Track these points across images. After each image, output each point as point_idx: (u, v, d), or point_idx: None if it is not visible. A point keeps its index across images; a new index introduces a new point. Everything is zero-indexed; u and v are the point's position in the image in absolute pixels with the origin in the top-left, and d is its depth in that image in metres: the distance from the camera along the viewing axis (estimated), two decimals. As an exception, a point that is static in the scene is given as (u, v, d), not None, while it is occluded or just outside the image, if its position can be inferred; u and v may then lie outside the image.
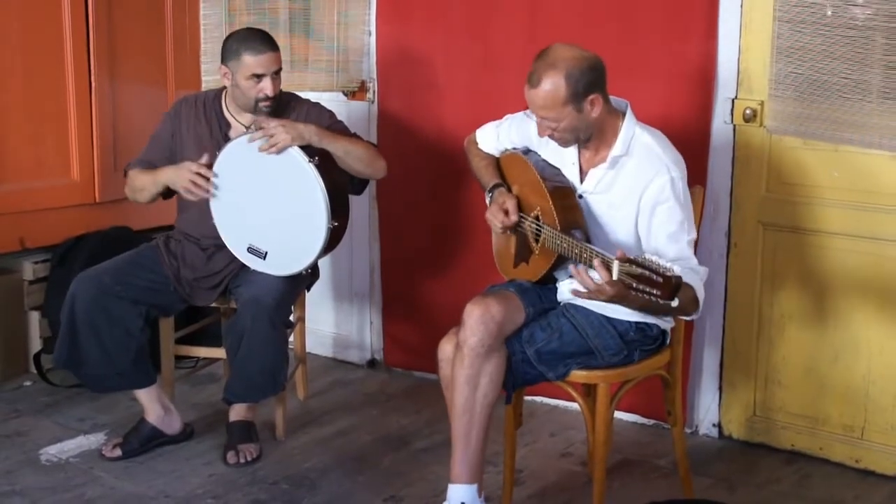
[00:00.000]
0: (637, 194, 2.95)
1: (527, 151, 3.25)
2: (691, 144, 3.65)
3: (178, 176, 3.55)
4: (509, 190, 3.22)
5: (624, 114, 3.03)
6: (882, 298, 3.46)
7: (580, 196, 3.06)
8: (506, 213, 3.13)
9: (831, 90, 3.33)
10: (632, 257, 2.58)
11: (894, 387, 3.48)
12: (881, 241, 3.42)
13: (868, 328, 3.50)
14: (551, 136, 3.01)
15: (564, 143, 3.03)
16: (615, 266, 2.60)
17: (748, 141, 3.61)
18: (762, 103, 3.54)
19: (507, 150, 3.32)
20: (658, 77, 3.72)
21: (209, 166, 3.54)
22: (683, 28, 3.66)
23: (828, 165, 3.48)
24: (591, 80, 2.91)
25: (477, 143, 3.40)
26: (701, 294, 2.85)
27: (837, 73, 3.31)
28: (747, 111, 3.58)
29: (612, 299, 2.71)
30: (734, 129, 3.63)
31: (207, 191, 3.53)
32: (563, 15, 3.85)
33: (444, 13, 4.17)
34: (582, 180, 3.07)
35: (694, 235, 2.97)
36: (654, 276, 2.52)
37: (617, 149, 2.99)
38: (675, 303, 2.54)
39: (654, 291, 2.52)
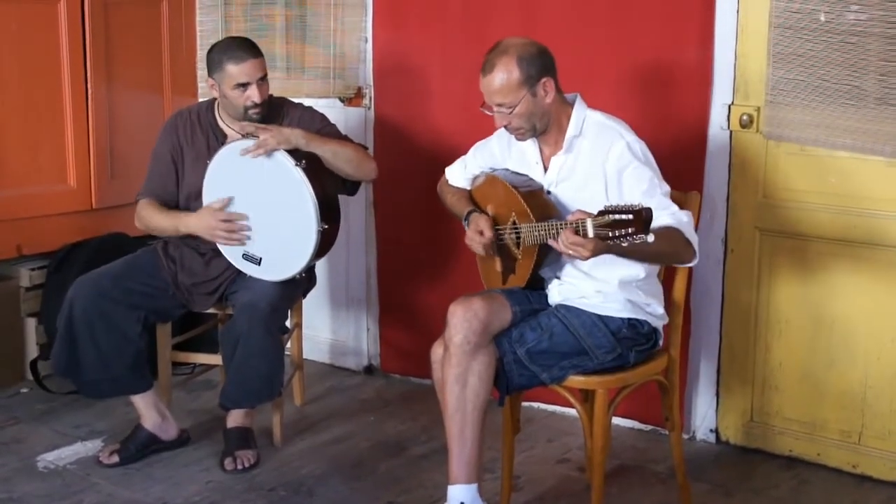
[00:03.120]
0: (599, 168, 3.01)
1: (493, 170, 3.31)
2: (688, 150, 3.67)
3: (206, 228, 3.56)
4: (484, 213, 3.26)
5: (574, 104, 3.11)
6: (879, 304, 3.46)
7: (548, 192, 3.12)
8: (480, 233, 3.17)
9: (828, 96, 3.33)
10: (600, 209, 2.64)
11: (891, 392, 3.49)
12: (877, 246, 3.43)
13: (865, 333, 3.50)
14: (508, 127, 3.07)
15: (521, 134, 3.09)
16: (588, 224, 2.65)
17: (745, 147, 3.62)
18: (758, 109, 3.55)
19: (476, 175, 3.38)
20: (654, 83, 3.73)
21: (201, 183, 3.58)
22: (680, 34, 3.67)
23: (824, 171, 3.49)
24: (542, 65, 3.02)
25: (447, 181, 3.48)
26: (692, 237, 2.91)
27: (834, 79, 3.32)
28: (744, 117, 3.59)
29: (595, 254, 2.74)
30: (730, 135, 3.64)
31: (242, 231, 3.55)
32: (558, 22, 3.86)
33: (440, 20, 4.18)
34: (546, 174, 3.13)
35: (667, 188, 3.00)
36: (624, 216, 2.58)
37: (571, 130, 3.07)
38: (650, 237, 2.58)
39: (629, 230, 2.58)
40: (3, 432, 3.93)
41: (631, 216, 2.58)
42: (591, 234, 2.65)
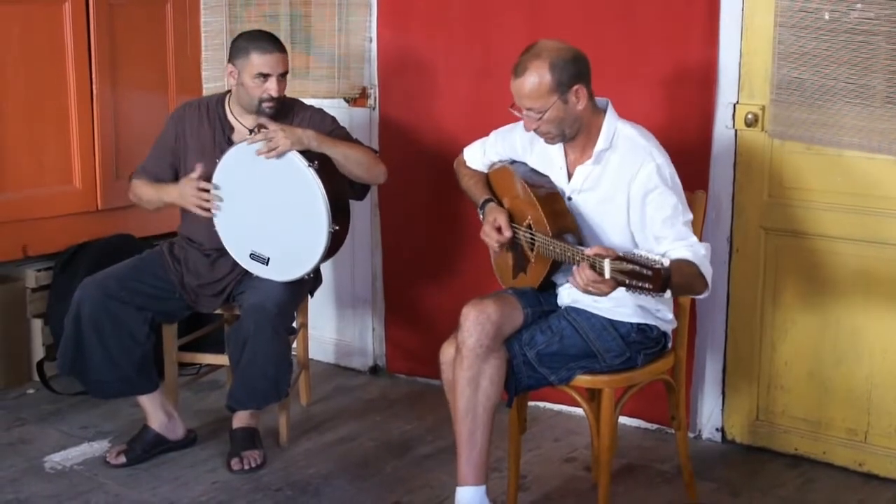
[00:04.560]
0: (625, 186, 2.98)
1: (513, 162, 3.29)
2: (693, 149, 3.67)
3: (183, 197, 3.58)
4: (500, 203, 3.25)
5: (605, 111, 3.07)
6: (884, 302, 3.46)
7: (569, 198, 3.09)
8: (498, 230, 3.16)
9: (834, 95, 3.33)
10: (621, 254, 2.62)
11: (897, 390, 3.49)
12: (883, 244, 3.43)
13: (871, 332, 3.50)
14: (537, 131, 3.03)
15: (550, 138, 3.06)
16: (606, 265, 2.63)
17: (750, 146, 3.62)
18: (764, 108, 3.55)
19: (493, 163, 3.36)
20: (659, 83, 3.73)
21: (207, 178, 3.57)
22: (684, 33, 3.67)
23: (830, 170, 3.49)
24: (575, 72, 2.97)
25: (465, 162, 3.45)
26: (706, 270, 2.89)
27: (840, 78, 3.32)
28: (749, 116, 3.59)
29: (612, 291, 2.73)
30: (735, 134, 3.64)
31: (210, 203, 3.55)
32: (563, 21, 3.86)
33: (444, 20, 4.18)
34: (570, 181, 3.10)
35: (690, 217, 2.98)
36: (644, 270, 2.56)
37: (600, 143, 3.03)
38: (667, 294, 2.59)
39: (646, 285, 2.56)
40: (9, 433, 3.93)
41: (650, 273, 2.55)
42: (607, 274, 2.63)
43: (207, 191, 3.55)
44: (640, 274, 2.56)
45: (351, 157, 3.60)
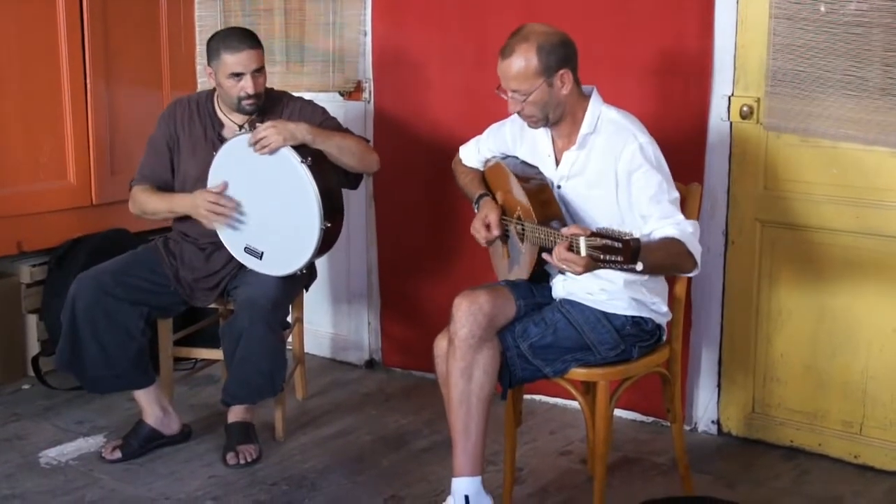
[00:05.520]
0: (611, 168, 3.00)
1: (505, 157, 3.31)
2: (688, 141, 3.67)
3: (195, 207, 3.56)
4: (494, 198, 3.27)
5: (591, 97, 3.08)
6: (880, 294, 3.46)
7: (558, 186, 3.11)
8: (487, 227, 3.17)
9: (829, 86, 3.33)
10: (593, 230, 2.64)
11: (893, 382, 3.49)
12: (879, 237, 3.42)
13: (866, 324, 3.50)
14: (520, 113, 3.06)
15: (533, 122, 3.07)
16: (582, 242, 2.63)
17: (745, 138, 3.62)
18: (759, 100, 3.55)
19: (488, 160, 3.37)
20: (654, 75, 3.73)
21: (203, 175, 3.58)
22: (679, 25, 3.66)
23: (825, 162, 3.48)
24: (562, 56, 2.99)
25: (461, 161, 3.47)
26: (694, 248, 2.89)
27: (835, 70, 3.32)
28: (744, 108, 3.58)
29: (587, 271, 2.73)
30: (731, 126, 3.64)
31: (231, 212, 3.53)
32: (557, 14, 3.84)
33: (439, 13, 4.18)
34: (558, 168, 3.12)
35: (676, 195, 2.99)
36: (615, 244, 2.57)
37: (584, 128, 3.05)
38: (639, 266, 2.58)
39: (618, 258, 2.57)
40: (5, 429, 3.93)
41: (620, 245, 2.56)
42: (583, 252, 2.64)
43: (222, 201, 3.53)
44: (611, 248, 2.58)
45: (345, 148, 3.60)
